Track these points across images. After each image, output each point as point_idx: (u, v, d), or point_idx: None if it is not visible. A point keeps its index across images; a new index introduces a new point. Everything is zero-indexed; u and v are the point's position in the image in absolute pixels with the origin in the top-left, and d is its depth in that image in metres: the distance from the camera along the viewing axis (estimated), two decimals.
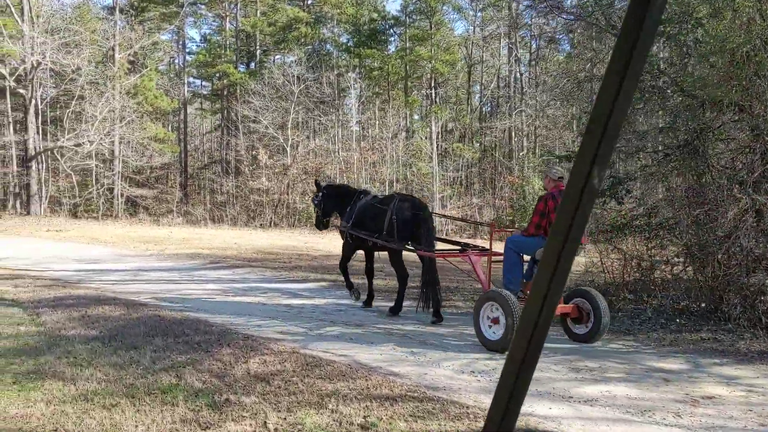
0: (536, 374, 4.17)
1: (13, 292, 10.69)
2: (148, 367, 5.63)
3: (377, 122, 36.84)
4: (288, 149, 35.24)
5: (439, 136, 37.40)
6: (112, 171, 36.04)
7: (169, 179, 43.47)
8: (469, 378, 5.69)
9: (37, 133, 33.98)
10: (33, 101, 32.16)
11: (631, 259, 9.88)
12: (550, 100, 37.03)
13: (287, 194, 34.27)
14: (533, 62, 40.78)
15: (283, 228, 32.30)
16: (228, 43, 43.61)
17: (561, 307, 6.91)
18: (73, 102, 33.72)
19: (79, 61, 30.99)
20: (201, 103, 52.53)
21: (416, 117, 41.44)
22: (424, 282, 8.20)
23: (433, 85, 39.80)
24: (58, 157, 34.83)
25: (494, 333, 6.53)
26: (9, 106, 34.90)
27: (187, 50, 49.95)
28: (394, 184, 34.86)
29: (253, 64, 44.38)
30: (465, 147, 37.99)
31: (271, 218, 34.01)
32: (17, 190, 34.29)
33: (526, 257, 7.28)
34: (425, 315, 8.41)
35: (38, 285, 11.61)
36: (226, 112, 42.99)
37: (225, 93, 43.38)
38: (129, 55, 36.91)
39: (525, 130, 38.80)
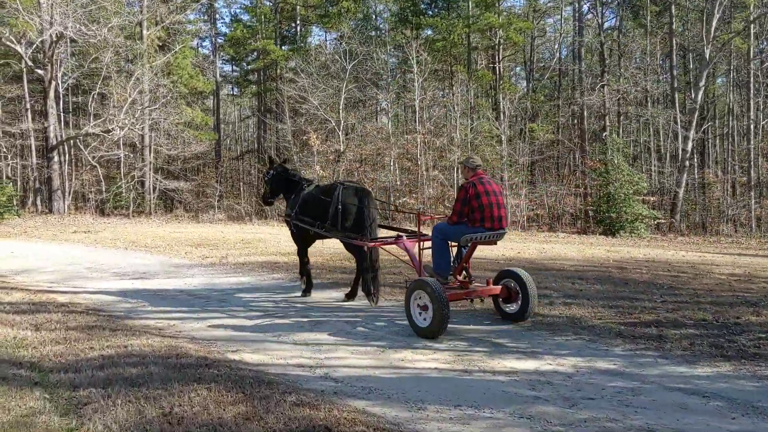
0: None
1: (34, 344, 6.60)
2: None
3: (440, 101, 32.35)
4: (340, 134, 30.92)
5: (510, 116, 32.83)
6: (143, 161, 31.93)
7: (204, 170, 39.31)
8: None
9: (59, 120, 29.91)
10: (53, 84, 28.00)
11: None
12: (640, 72, 32.32)
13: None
14: (616, 31, 35.96)
15: None
16: (265, 18, 39.19)
17: (491, 288, 7.36)
18: (98, 84, 29.51)
19: (106, 32, 26.68)
20: (233, 87, 48.37)
21: (483, 95, 36.84)
22: (365, 269, 8.48)
23: (500, 58, 35.08)
24: (82, 147, 30.76)
25: (424, 320, 6.70)
26: (26, 89, 30.88)
27: (218, 31, 45.75)
28: (458, 170, 30.42)
29: (291, 43, 39.99)
30: (539, 127, 33.39)
31: None
32: (38, 184, 30.28)
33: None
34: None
35: (71, 326, 7.48)
36: (263, 95, 38.72)
37: (263, 74, 39.12)
38: (158, 31, 32.64)
39: (608, 107, 34.07)
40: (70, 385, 5.14)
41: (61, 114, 30.78)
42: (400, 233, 8.81)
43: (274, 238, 19.38)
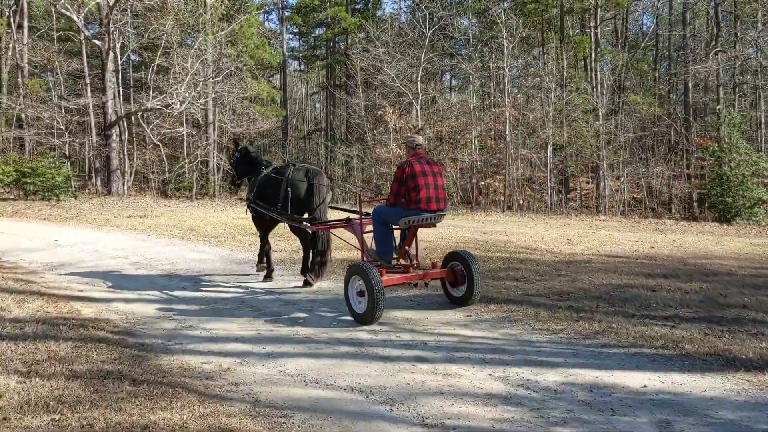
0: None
1: (6, 410, 4.08)
2: None
3: (532, 72, 28.92)
4: (417, 108, 27.96)
5: (609, 87, 29.11)
6: (207, 140, 29.78)
7: (270, 150, 37.01)
8: None
9: (118, 96, 28.00)
10: (110, 55, 25.97)
11: None
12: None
13: None
14: None
15: None
16: None
17: (437, 272, 7.07)
18: (158, 54, 27.33)
19: None
20: (300, 63, 45.96)
21: (576, 64, 33.10)
22: (316, 252, 8.20)
23: (598, 22, 31.16)
24: (144, 125, 28.83)
25: (361, 306, 6.46)
26: (86, 63, 29.10)
27: (285, 3, 43.26)
28: (549, 148, 27.08)
29: (361, 14, 37.06)
30: (642, 100, 29.53)
31: None
32: (98, 164, 28.56)
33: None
34: None
35: (78, 370, 5.06)
36: (332, 68, 36.04)
37: (332, 46, 36.41)
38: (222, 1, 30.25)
39: (723, 78, 29.86)
40: None
41: (120, 89, 28.88)
42: (350, 216, 8.41)
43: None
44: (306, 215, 8.37)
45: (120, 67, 30.09)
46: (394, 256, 7.18)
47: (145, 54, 31.05)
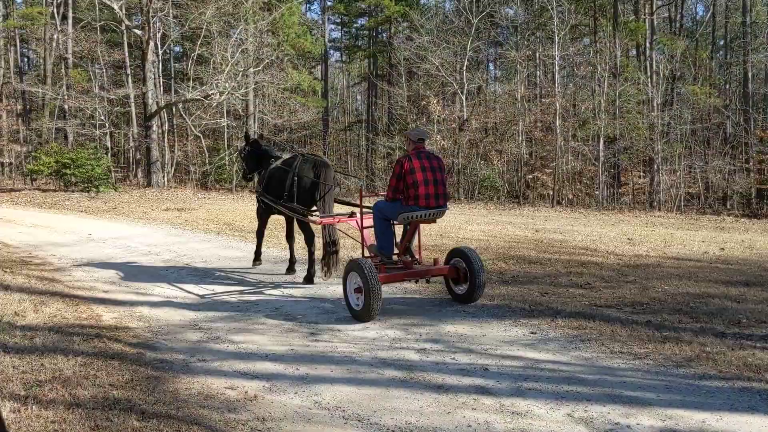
0: None
1: None
2: None
3: (584, 61, 27.60)
4: (462, 99, 26.95)
5: (665, 77, 27.62)
6: (247, 131, 29.26)
7: (311, 142, 36.40)
8: None
9: (158, 86, 27.65)
10: (151, 44, 25.56)
11: None
12: None
13: (468, 157, 26.06)
14: None
15: (462, 203, 24.22)
16: None
17: (439, 268, 6.91)
18: (198, 43, 26.81)
19: None
20: (341, 54, 45.24)
21: (629, 53, 31.60)
22: (326, 245, 7.90)
23: (653, 9, 29.53)
24: (185, 116, 28.48)
25: (359, 302, 6.31)
26: (126, 53, 28.86)
27: None
28: (601, 140, 25.80)
29: (405, 0, 36.07)
30: (700, 90, 27.96)
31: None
32: (138, 155, 28.30)
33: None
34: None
35: (81, 397, 4.41)
36: (374, 57, 35.19)
37: (374, 35, 35.56)
38: None
39: None
40: None
41: (161, 80, 28.55)
42: (354, 210, 8.08)
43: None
44: (313, 208, 8.28)
45: (161, 58, 29.80)
46: (395, 251, 7.02)
47: (186, 44, 30.68)
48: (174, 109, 29.42)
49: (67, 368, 4.84)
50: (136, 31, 26.54)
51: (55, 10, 30.40)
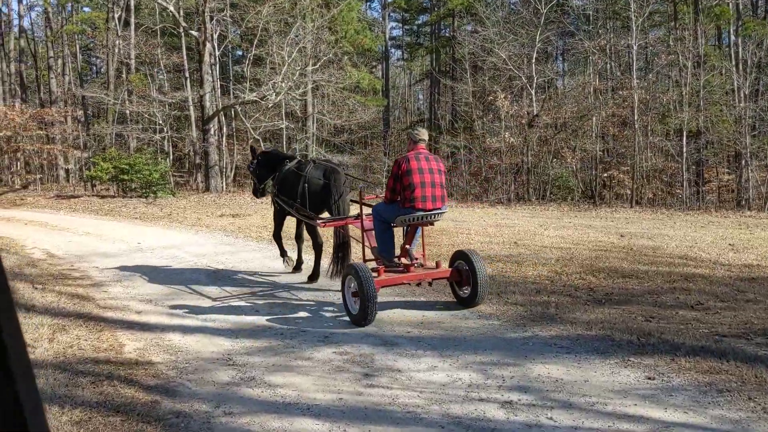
0: None
1: None
2: None
3: (665, 50, 25.60)
4: (532, 93, 25.38)
5: (755, 65, 25.34)
6: (305, 132, 28.49)
7: (371, 143, 35.37)
8: None
9: (215, 89, 27.15)
10: (207, 46, 25.02)
11: None
12: None
13: (538, 155, 24.47)
14: None
15: (533, 204, 22.67)
16: None
17: (442, 271, 6.75)
18: (254, 43, 26.08)
19: None
20: (403, 52, 44.15)
21: (713, 41, 29.32)
22: (336, 246, 7.90)
23: None
24: (244, 119, 27.92)
25: (356, 307, 6.15)
26: (185, 56, 28.52)
27: None
28: (684, 135, 23.78)
29: None
30: None
31: (510, 190, 24.46)
32: (197, 160, 27.93)
33: None
34: None
35: None
36: (437, 52, 33.89)
37: (437, 29, 34.27)
38: None
39: None
40: None
41: (219, 83, 28.04)
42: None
43: (508, 224, 14.64)
44: (326, 213, 8.17)
45: (219, 60, 29.36)
46: (396, 254, 6.94)
47: (244, 45, 30.19)
48: (233, 113, 28.93)
49: (57, 427, 3.83)
50: (192, 32, 26.09)
51: (115, 16, 30.43)
